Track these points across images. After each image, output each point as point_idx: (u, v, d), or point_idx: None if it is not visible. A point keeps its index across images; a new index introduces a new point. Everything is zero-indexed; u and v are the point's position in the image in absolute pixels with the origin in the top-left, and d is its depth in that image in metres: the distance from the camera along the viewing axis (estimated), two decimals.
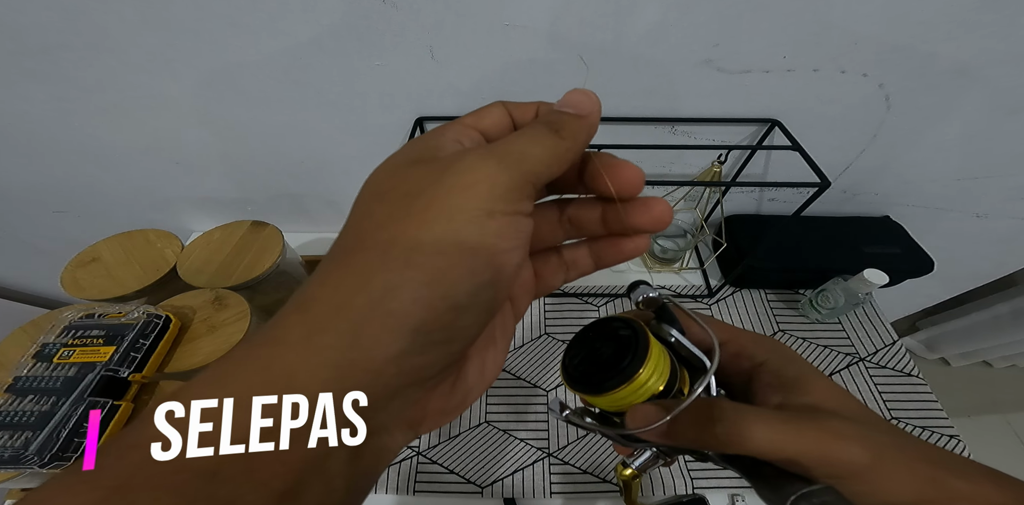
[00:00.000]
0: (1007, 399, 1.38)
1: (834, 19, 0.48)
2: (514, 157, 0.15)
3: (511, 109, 0.19)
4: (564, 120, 0.17)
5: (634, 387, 0.20)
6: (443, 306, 0.14)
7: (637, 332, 0.21)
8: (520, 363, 0.67)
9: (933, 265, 0.68)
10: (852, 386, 0.64)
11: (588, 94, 0.18)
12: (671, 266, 0.78)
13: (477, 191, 0.14)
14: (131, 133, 0.65)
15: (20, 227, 0.91)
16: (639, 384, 0.20)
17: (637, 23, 0.49)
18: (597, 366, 0.21)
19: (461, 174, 0.15)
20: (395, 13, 0.48)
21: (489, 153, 0.15)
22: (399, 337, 0.14)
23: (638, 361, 0.20)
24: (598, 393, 0.20)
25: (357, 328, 0.13)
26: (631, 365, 0.20)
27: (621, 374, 0.20)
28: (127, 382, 0.48)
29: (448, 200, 0.14)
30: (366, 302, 0.14)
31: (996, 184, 0.71)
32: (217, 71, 0.55)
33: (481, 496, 0.56)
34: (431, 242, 0.14)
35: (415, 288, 0.14)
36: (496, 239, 0.15)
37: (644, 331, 0.21)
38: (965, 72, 0.53)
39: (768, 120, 0.59)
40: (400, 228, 0.14)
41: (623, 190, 0.18)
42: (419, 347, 0.14)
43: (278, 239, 0.64)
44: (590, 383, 0.21)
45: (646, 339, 0.20)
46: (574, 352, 0.23)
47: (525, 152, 0.16)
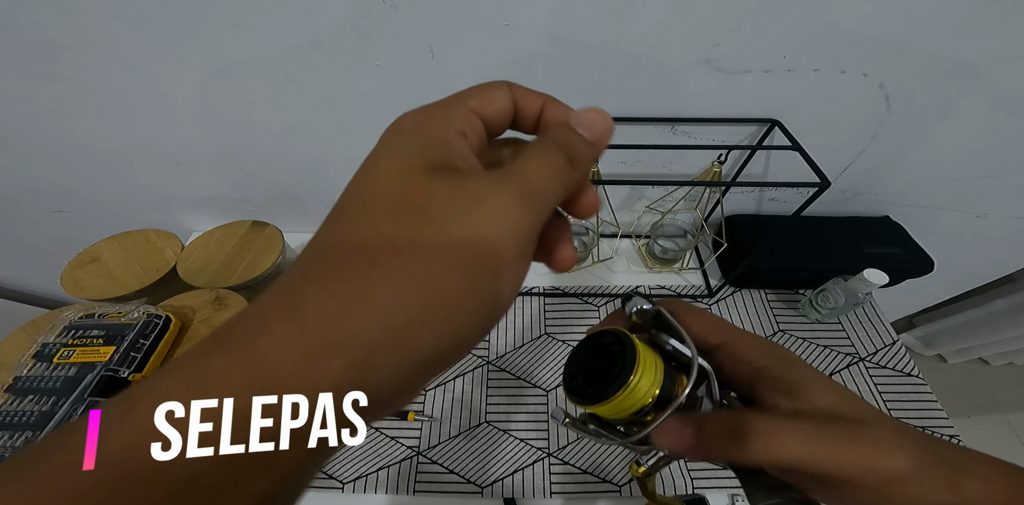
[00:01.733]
0: (1005, 398, 1.38)
1: (834, 19, 0.48)
2: (536, 193, 0.15)
3: (517, 95, 0.18)
4: (578, 148, 0.17)
5: (627, 393, 0.20)
6: (451, 343, 0.14)
7: (624, 342, 0.22)
8: (520, 363, 0.67)
9: (933, 265, 0.68)
10: (852, 386, 0.64)
11: (605, 117, 0.18)
12: (671, 266, 0.78)
13: (506, 238, 0.14)
14: (131, 133, 0.65)
15: (20, 227, 0.91)
16: (631, 390, 0.20)
17: (637, 23, 0.49)
18: (592, 378, 0.22)
19: (493, 214, 0.14)
20: (395, 13, 0.48)
21: (515, 189, 0.15)
22: (407, 369, 0.14)
23: (628, 369, 0.20)
24: (596, 403, 0.21)
25: (368, 357, 0.13)
26: (622, 373, 0.20)
27: (614, 382, 0.20)
28: (127, 382, 0.48)
29: (475, 235, 0.14)
30: (381, 331, 0.13)
31: (996, 184, 0.71)
32: (217, 71, 0.55)
33: (481, 496, 0.56)
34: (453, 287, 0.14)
35: (432, 325, 0.14)
36: (510, 291, 0.15)
37: (631, 341, 0.22)
38: (965, 72, 0.53)
39: (768, 120, 0.59)
40: (422, 255, 0.14)
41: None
42: (421, 377, 0.14)
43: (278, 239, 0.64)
44: (587, 395, 0.22)
45: (633, 348, 0.21)
46: (571, 369, 0.24)
47: (546, 188, 0.16)
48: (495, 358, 0.68)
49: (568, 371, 0.24)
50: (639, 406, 0.21)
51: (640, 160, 0.68)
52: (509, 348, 0.69)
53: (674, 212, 0.74)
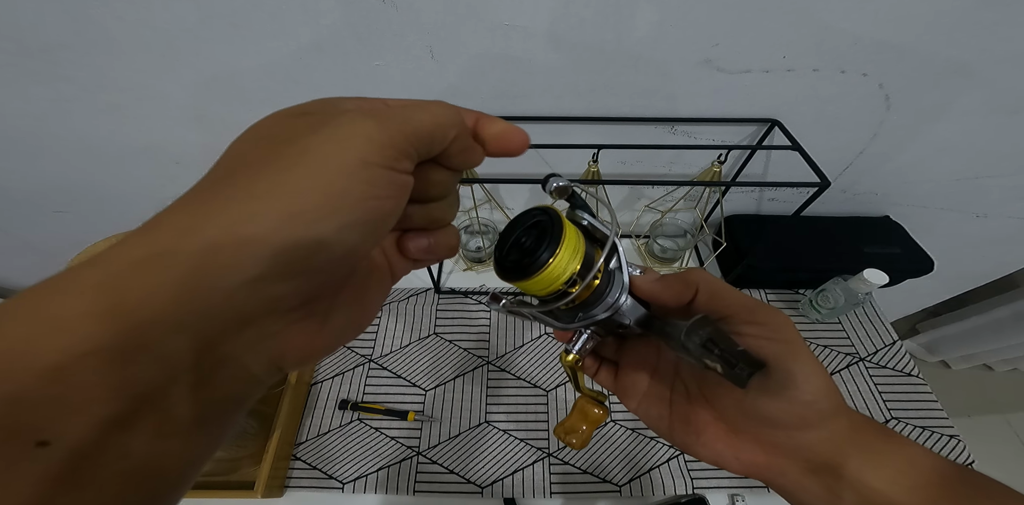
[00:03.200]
0: (1007, 401, 1.38)
1: (834, 19, 0.48)
2: (397, 119, 0.16)
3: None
4: (471, 111, 0.18)
5: (555, 266, 0.21)
6: (306, 238, 0.14)
7: (552, 217, 0.22)
8: (520, 363, 0.67)
9: (933, 265, 0.68)
10: (852, 386, 0.64)
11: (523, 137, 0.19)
12: (671, 265, 0.78)
13: (353, 143, 0.15)
14: (131, 133, 0.65)
15: (20, 227, 0.91)
16: (559, 264, 0.21)
17: (637, 23, 0.49)
18: (522, 254, 0.22)
19: (340, 127, 0.15)
20: (395, 13, 0.48)
21: (373, 113, 0.16)
22: (256, 263, 0.13)
23: (556, 236, 0.21)
24: (526, 277, 0.22)
25: (209, 251, 0.13)
26: (548, 248, 0.21)
27: (542, 256, 0.21)
28: None
29: (322, 147, 0.15)
30: (224, 226, 0.13)
31: (996, 184, 0.71)
32: (217, 71, 0.55)
33: (481, 496, 0.56)
34: (298, 181, 0.14)
35: (277, 217, 0.14)
36: (366, 186, 0.15)
37: (556, 212, 0.22)
38: (965, 72, 0.53)
39: (768, 120, 0.59)
40: (271, 168, 0.14)
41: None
42: (276, 275, 0.14)
43: None
44: (518, 271, 0.22)
45: (560, 223, 0.22)
46: (502, 245, 0.24)
47: (410, 117, 0.16)
48: (495, 358, 0.68)
49: (499, 252, 0.24)
50: (568, 275, 0.21)
51: (640, 160, 0.68)
52: (509, 348, 0.69)
53: (674, 211, 0.74)
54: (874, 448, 0.21)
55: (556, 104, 0.59)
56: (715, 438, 0.23)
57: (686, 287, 0.23)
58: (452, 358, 0.68)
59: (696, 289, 0.23)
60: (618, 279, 0.24)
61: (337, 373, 0.67)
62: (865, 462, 0.21)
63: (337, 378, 0.67)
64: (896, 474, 0.21)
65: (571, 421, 0.28)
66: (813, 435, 0.21)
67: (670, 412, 0.25)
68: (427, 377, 0.66)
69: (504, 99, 0.58)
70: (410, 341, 0.70)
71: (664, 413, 0.25)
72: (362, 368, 0.67)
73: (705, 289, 0.23)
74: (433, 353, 0.69)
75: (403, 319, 0.73)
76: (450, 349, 0.69)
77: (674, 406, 0.25)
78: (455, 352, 0.69)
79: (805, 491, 0.22)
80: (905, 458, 0.21)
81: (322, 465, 0.59)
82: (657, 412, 0.26)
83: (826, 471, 0.21)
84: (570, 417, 0.28)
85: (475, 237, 0.78)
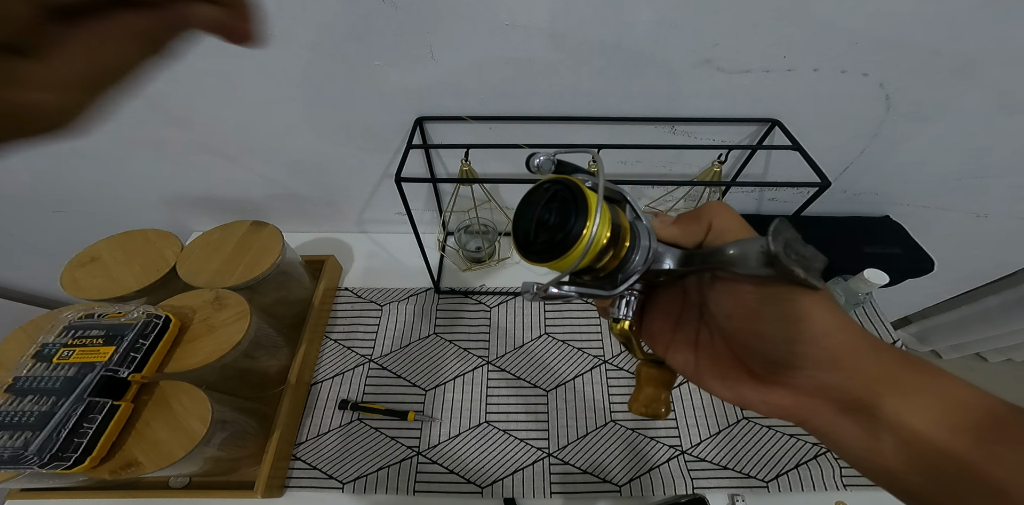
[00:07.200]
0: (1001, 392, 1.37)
1: (834, 19, 0.48)
2: None
3: None
4: None
5: (593, 235, 0.20)
6: None
7: (570, 187, 0.21)
8: (520, 363, 0.67)
9: (933, 265, 0.68)
10: None
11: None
12: None
13: None
14: (131, 133, 0.65)
15: (20, 227, 0.91)
16: (597, 231, 0.20)
17: (637, 23, 0.49)
18: (551, 232, 0.21)
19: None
20: (395, 13, 0.48)
21: None
22: None
23: (583, 213, 0.20)
24: (563, 254, 0.20)
25: None
26: (579, 219, 0.20)
27: (575, 228, 0.20)
28: (127, 382, 0.48)
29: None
30: None
31: (996, 184, 0.71)
32: (216, 71, 0.55)
33: (481, 496, 0.56)
34: None
35: None
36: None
37: (575, 183, 0.21)
38: (965, 72, 0.53)
39: (768, 120, 0.59)
40: None
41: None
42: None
43: (278, 239, 0.64)
44: (554, 249, 0.21)
45: (581, 190, 0.20)
46: (524, 229, 0.22)
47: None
48: (495, 358, 0.68)
49: (523, 238, 0.23)
50: (605, 239, 0.20)
51: (640, 160, 0.68)
52: (509, 348, 0.69)
53: (674, 211, 0.74)
54: (913, 386, 0.20)
55: (556, 104, 0.59)
56: (739, 382, 0.23)
57: (700, 227, 0.23)
58: (452, 358, 0.68)
59: (709, 226, 0.23)
60: (642, 228, 0.23)
61: (337, 373, 0.67)
62: (903, 401, 0.19)
63: (337, 378, 0.67)
64: (940, 414, 0.19)
65: (645, 392, 0.26)
66: (834, 375, 0.20)
67: (695, 357, 0.25)
68: (427, 377, 0.66)
69: (504, 99, 0.58)
70: (410, 341, 0.70)
71: (690, 358, 0.25)
72: (362, 368, 0.67)
73: (716, 227, 0.23)
74: (433, 353, 0.69)
75: (403, 319, 0.73)
76: (450, 349, 0.69)
77: (700, 350, 0.25)
78: (455, 352, 0.69)
79: (842, 433, 0.20)
80: (951, 397, 0.19)
81: (322, 465, 0.59)
82: (683, 357, 0.25)
83: (860, 411, 0.20)
84: (641, 389, 0.26)
85: (475, 237, 0.78)
